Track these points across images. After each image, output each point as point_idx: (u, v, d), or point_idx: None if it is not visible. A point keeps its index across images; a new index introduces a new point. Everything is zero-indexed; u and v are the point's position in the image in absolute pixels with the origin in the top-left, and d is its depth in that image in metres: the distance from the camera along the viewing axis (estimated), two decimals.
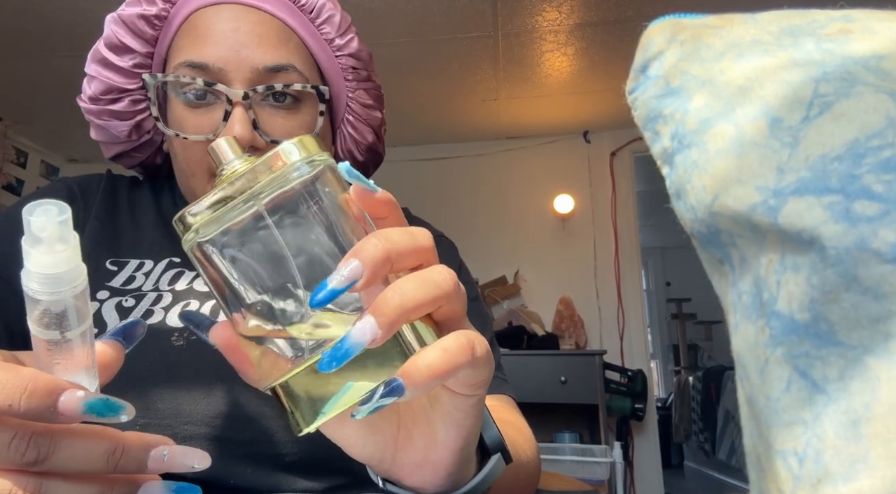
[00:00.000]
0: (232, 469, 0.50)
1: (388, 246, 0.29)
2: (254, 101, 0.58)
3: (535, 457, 0.59)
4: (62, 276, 0.27)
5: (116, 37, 0.61)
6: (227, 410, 0.52)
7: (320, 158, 0.31)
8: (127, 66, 0.61)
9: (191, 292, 0.59)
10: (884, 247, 0.20)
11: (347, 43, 0.65)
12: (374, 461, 0.35)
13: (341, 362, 0.28)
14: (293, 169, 0.30)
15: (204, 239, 0.31)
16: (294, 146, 0.31)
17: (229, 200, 0.31)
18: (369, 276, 0.28)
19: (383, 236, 0.29)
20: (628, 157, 3.46)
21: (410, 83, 2.93)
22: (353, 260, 0.28)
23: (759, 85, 0.25)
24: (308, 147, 0.31)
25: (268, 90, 0.58)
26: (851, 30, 0.24)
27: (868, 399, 0.19)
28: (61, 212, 0.26)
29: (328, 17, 0.63)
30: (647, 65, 0.31)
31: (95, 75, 0.62)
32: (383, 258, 0.28)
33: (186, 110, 0.59)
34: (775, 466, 0.21)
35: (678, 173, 0.27)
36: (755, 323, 0.24)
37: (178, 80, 0.57)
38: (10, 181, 3.40)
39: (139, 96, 0.63)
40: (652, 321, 6.24)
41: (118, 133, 0.64)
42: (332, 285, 0.28)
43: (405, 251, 0.30)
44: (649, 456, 3.24)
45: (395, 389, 0.27)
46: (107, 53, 0.61)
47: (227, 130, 0.56)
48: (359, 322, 0.28)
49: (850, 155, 0.21)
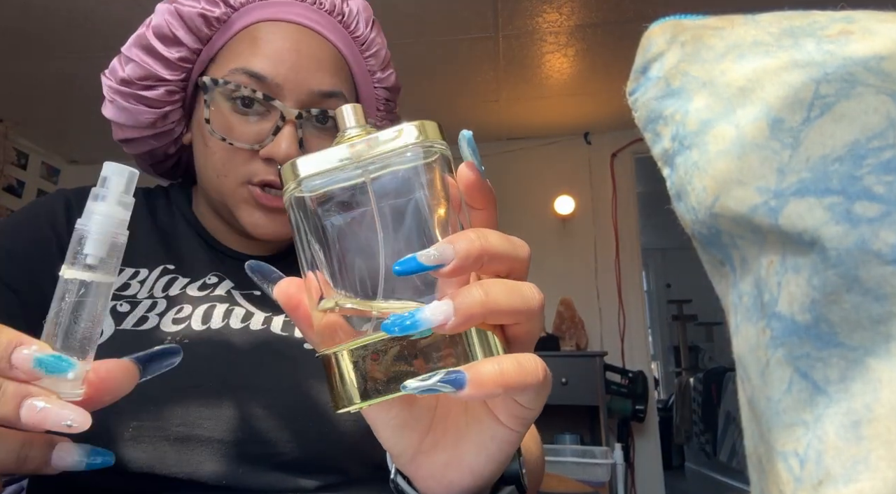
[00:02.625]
0: (225, 469, 0.50)
1: (484, 243, 0.28)
2: (303, 121, 0.60)
3: (539, 454, 0.59)
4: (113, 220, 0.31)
5: (169, 27, 0.61)
6: (219, 412, 0.52)
7: (438, 146, 0.31)
8: (173, 57, 0.61)
9: (184, 297, 0.60)
10: (885, 249, 0.20)
11: (387, 76, 0.69)
12: (395, 452, 0.35)
13: (405, 330, 0.27)
14: (408, 150, 0.30)
15: (305, 193, 0.31)
16: (415, 128, 0.30)
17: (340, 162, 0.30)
18: (457, 265, 0.27)
19: (482, 234, 0.29)
20: (629, 158, 3.46)
21: (411, 84, 2.93)
22: (447, 244, 0.28)
23: (759, 86, 0.25)
24: (429, 132, 0.31)
25: (321, 114, 0.60)
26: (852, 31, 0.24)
27: (869, 400, 0.19)
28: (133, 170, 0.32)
29: (376, 51, 0.68)
30: (648, 66, 0.31)
31: (135, 59, 0.62)
32: (477, 254, 0.28)
33: (234, 115, 0.60)
34: (776, 467, 0.21)
35: (679, 174, 0.27)
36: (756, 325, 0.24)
37: (238, 88, 0.59)
38: (10, 182, 3.40)
39: (175, 88, 0.63)
40: (653, 322, 6.24)
41: (142, 119, 0.64)
42: (419, 259, 0.27)
43: (500, 255, 0.29)
44: (650, 458, 3.24)
45: (456, 380, 0.27)
46: (154, 41, 0.61)
47: (274, 145, 0.58)
48: (437, 301, 0.27)
49: (851, 156, 0.21)
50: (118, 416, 0.50)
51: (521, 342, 0.31)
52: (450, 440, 0.33)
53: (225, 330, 0.57)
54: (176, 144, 0.69)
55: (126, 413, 0.50)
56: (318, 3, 0.64)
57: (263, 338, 0.57)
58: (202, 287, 0.62)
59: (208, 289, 0.61)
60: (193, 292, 0.61)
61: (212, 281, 0.62)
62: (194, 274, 0.63)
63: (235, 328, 0.57)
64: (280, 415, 0.53)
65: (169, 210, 0.70)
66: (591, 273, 3.37)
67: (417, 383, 0.27)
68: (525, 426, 0.32)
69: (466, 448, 0.33)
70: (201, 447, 0.50)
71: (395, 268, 0.27)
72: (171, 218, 0.69)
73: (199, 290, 0.61)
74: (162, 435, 0.50)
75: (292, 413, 0.53)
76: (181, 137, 0.68)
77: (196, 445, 0.50)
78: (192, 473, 0.50)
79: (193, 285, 0.61)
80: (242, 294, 0.62)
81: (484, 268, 0.29)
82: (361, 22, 0.66)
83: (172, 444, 0.50)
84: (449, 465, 0.33)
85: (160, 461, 0.49)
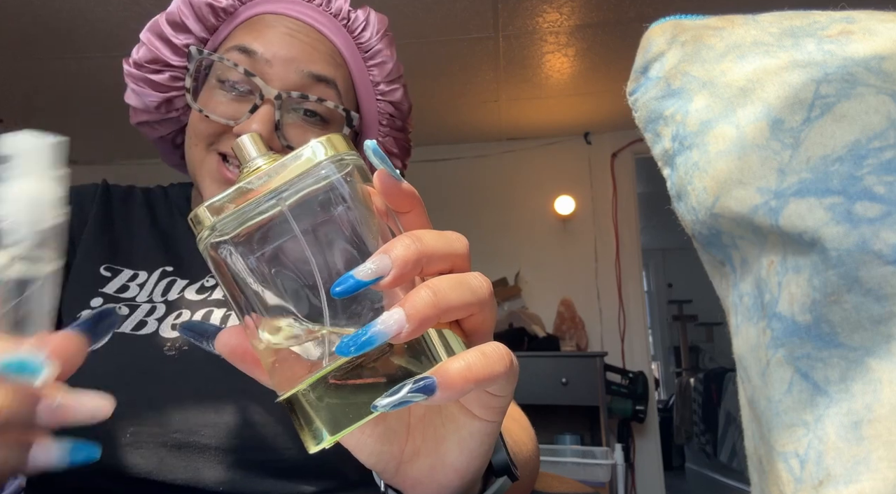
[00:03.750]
0: (223, 475, 0.50)
1: (419, 246, 0.27)
2: (285, 107, 0.59)
3: (534, 451, 0.59)
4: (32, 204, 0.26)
5: (179, 15, 0.63)
6: (216, 418, 0.52)
7: (349, 157, 0.30)
8: (180, 43, 0.63)
9: (182, 301, 0.60)
10: (885, 249, 0.20)
11: (392, 91, 0.68)
12: (378, 468, 0.34)
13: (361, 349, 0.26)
14: (320, 168, 0.29)
15: (220, 238, 0.29)
16: (322, 144, 0.29)
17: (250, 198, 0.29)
18: (396, 274, 0.27)
19: (416, 236, 0.28)
20: (629, 159, 3.46)
21: (411, 85, 2.91)
22: (383, 255, 0.27)
23: (760, 86, 0.25)
24: (336, 145, 0.30)
25: (301, 98, 0.59)
26: (852, 31, 0.24)
27: (870, 400, 0.19)
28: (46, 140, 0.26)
29: (380, 62, 0.66)
30: (648, 66, 0.31)
31: (146, 42, 0.64)
32: (414, 258, 0.27)
33: (220, 93, 0.61)
34: (777, 468, 0.21)
35: (679, 174, 0.27)
36: (756, 325, 0.24)
37: (221, 61, 0.60)
38: None
39: (180, 74, 0.65)
40: (653, 322, 6.24)
41: (148, 102, 0.65)
42: (357, 276, 0.26)
43: (438, 254, 0.28)
44: (650, 458, 3.24)
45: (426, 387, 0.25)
46: (164, 27, 0.63)
47: (245, 123, 0.57)
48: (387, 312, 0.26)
49: (852, 156, 0.21)
50: (116, 422, 0.50)
51: (479, 332, 0.30)
52: (430, 444, 0.33)
53: None
54: (182, 134, 0.69)
55: (124, 419, 0.50)
56: (324, 5, 0.65)
57: None
58: (200, 289, 0.62)
59: (206, 293, 0.61)
60: (192, 296, 0.61)
61: (210, 284, 0.63)
62: (193, 275, 0.63)
63: None
64: (277, 421, 0.52)
65: (168, 210, 0.70)
66: (591, 273, 3.37)
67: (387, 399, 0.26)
68: (500, 414, 0.32)
69: (447, 448, 0.33)
70: (199, 453, 0.50)
71: (335, 290, 0.26)
72: (171, 217, 0.69)
73: (197, 294, 0.61)
74: (160, 441, 0.50)
75: (288, 419, 0.53)
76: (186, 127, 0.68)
77: (194, 451, 0.50)
78: (190, 479, 0.50)
79: (192, 288, 0.62)
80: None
81: (425, 270, 0.28)
82: (369, 30, 0.66)
83: (171, 450, 0.50)
84: (434, 468, 0.33)
85: (158, 467, 0.49)
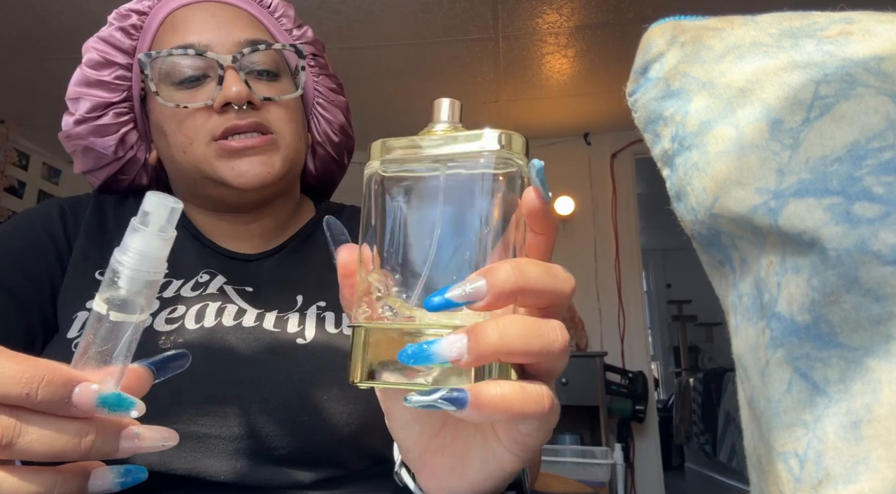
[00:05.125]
0: (222, 465, 0.51)
1: (521, 282, 0.28)
2: (241, 66, 0.62)
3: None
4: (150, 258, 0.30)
5: (99, 55, 0.65)
6: (214, 408, 0.52)
7: (517, 161, 0.31)
8: (110, 78, 0.65)
9: (178, 298, 0.60)
10: (884, 249, 0.20)
11: (304, 33, 0.72)
12: (402, 446, 0.35)
13: (419, 362, 0.27)
14: (485, 156, 0.30)
15: (384, 172, 0.32)
16: (497, 136, 0.30)
17: (421, 151, 0.31)
18: (490, 302, 0.27)
19: (521, 269, 0.28)
20: (629, 159, 3.46)
21: (411, 85, 2.93)
22: (481, 280, 0.27)
23: (759, 87, 0.25)
24: (512, 145, 0.31)
25: (253, 52, 0.63)
26: (852, 31, 0.24)
27: (869, 400, 0.19)
28: (176, 202, 0.30)
29: (283, 11, 0.72)
30: (648, 67, 0.31)
31: (80, 96, 0.66)
32: (511, 291, 0.27)
33: (180, 91, 0.63)
34: (776, 468, 0.21)
35: (679, 175, 0.27)
36: (756, 325, 0.24)
37: (170, 54, 0.62)
38: (11, 183, 3.40)
39: (122, 109, 0.66)
40: (653, 323, 6.24)
41: (104, 149, 0.66)
42: (450, 295, 0.27)
43: (537, 290, 0.28)
44: (650, 458, 3.24)
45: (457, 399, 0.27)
46: (89, 72, 0.65)
47: (224, 90, 0.60)
48: (454, 335, 0.27)
49: (851, 156, 0.21)
50: None
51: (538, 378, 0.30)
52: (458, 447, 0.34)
53: (218, 328, 0.57)
54: (147, 172, 0.71)
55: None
56: None
57: (256, 335, 0.58)
58: (195, 286, 0.62)
59: (201, 288, 0.62)
60: (187, 293, 0.61)
61: (204, 280, 0.63)
62: (187, 274, 0.63)
63: (228, 325, 0.58)
64: (275, 410, 0.53)
65: None
66: (591, 273, 3.37)
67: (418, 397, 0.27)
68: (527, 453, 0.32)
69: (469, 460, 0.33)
70: (198, 443, 0.51)
71: (429, 304, 0.28)
72: None
73: (192, 290, 0.62)
74: None
75: (287, 408, 0.53)
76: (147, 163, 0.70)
77: (193, 442, 0.51)
78: (191, 469, 0.50)
79: (187, 286, 0.62)
80: (235, 289, 0.63)
81: (521, 302, 0.29)
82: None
83: None
84: (453, 471, 0.34)
85: (160, 458, 0.50)
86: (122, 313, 0.30)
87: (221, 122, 0.61)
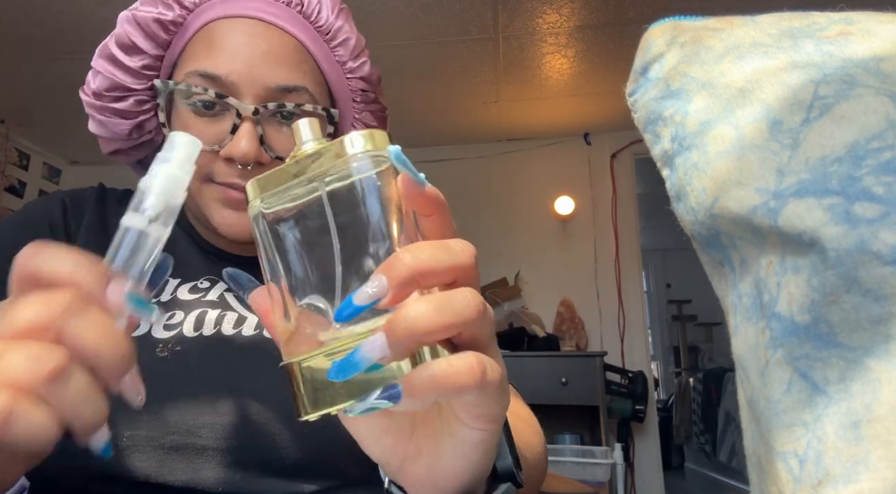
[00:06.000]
0: (222, 475, 0.50)
1: (417, 265, 0.28)
2: (262, 117, 0.58)
3: (543, 452, 0.59)
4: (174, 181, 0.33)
5: (128, 36, 0.60)
6: (214, 419, 0.51)
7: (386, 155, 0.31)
8: (135, 66, 0.61)
9: (175, 302, 0.59)
10: (884, 249, 0.20)
11: (360, 66, 0.66)
12: (382, 461, 0.35)
13: (349, 374, 0.28)
14: (355, 160, 0.30)
15: (266, 209, 0.32)
16: (363, 138, 0.31)
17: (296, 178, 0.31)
18: (393, 296, 0.28)
19: (415, 254, 0.28)
20: (629, 159, 3.46)
21: (411, 85, 2.93)
22: (381, 277, 0.28)
23: (759, 87, 0.25)
24: (377, 141, 0.31)
25: (279, 108, 0.58)
26: (851, 32, 0.24)
27: (869, 400, 0.19)
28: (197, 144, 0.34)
29: (343, 40, 0.64)
30: (648, 67, 0.31)
31: (101, 71, 0.61)
32: (409, 277, 0.28)
33: (194, 118, 0.59)
34: (776, 468, 0.21)
35: (678, 175, 0.27)
36: (756, 325, 0.24)
37: (189, 89, 0.58)
38: (12, 183, 3.40)
39: (144, 97, 0.62)
40: (653, 322, 6.24)
41: (119, 130, 0.63)
42: (356, 300, 0.28)
43: (437, 270, 0.29)
44: (650, 458, 3.24)
45: (392, 395, 0.27)
46: (116, 51, 0.61)
47: (233, 144, 0.57)
48: (371, 337, 0.28)
49: (851, 157, 0.21)
50: (112, 428, 0.49)
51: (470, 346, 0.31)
52: (430, 445, 0.34)
53: (217, 337, 0.56)
54: None
55: (119, 425, 0.50)
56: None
57: (256, 343, 0.57)
58: (193, 289, 0.61)
59: (200, 293, 0.61)
60: (184, 296, 0.60)
61: (204, 286, 0.62)
62: (186, 276, 0.62)
63: (227, 334, 0.57)
64: (275, 420, 0.52)
65: None
66: (591, 273, 3.37)
67: (358, 404, 0.28)
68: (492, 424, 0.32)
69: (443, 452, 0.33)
70: (197, 454, 0.50)
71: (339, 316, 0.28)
72: None
73: (189, 293, 0.60)
74: (157, 444, 0.50)
75: (287, 418, 0.53)
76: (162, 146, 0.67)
77: (192, 453, 0.50)
78: (188, 481, 0.49)
79: (185, 287, 0.61)
80: (236, 296, 0.62)
81: (425, 284, 0.29)
82: (325, 10, 0.63)
83: (168, 452, 0.50)
84: (432, 469, 0.34)
85: (156, 469, 0.49)
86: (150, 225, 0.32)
87: (223, 173, 0.58)
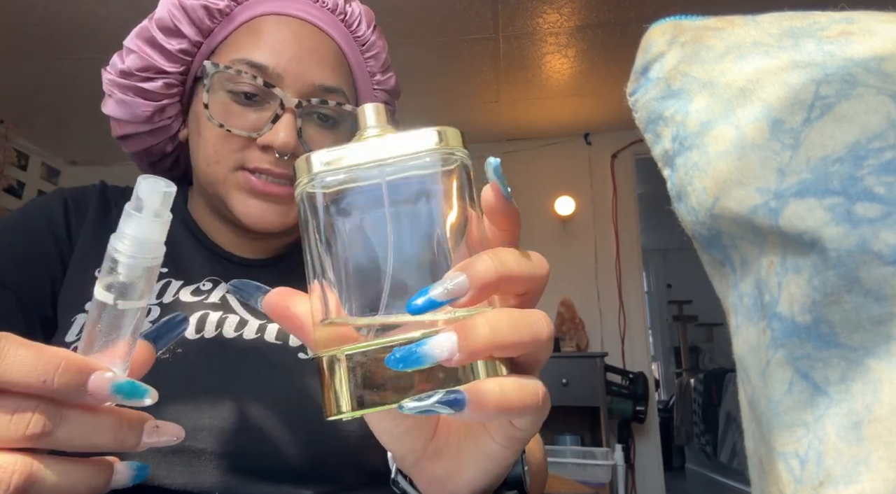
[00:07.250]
0: (219, 480, 0.50)
1: (501, 270, 0.27)
2: (304, 111, 0.60)
3: (543, 459, 0.59)
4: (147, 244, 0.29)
5: (172, 19, 0.61)
6: (212, 423, 0.51)
7: (459, 154, 0.30)
8: (173, 49, 0.62)
9: (177, 304, 0.59)
10: (885, 249, 0.20)
11: (387, 79, 0.70)
12: (396, 455, 0.34)
13: (409, 366, 0.26)
14: (426, 155, 0.29)
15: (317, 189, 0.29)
16: (436, 133, 0.29)
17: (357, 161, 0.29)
18: (473, 296, 0.27)
19: (499, 258, 0.28)
20: (629, 159, 3.46)
21: (411, 85, 2.93)
22: (462, 275, 0.27)
23: (759, 86, 0.25)
24: (450, 139, 0.29)
25: (321, 104, 0.61)
26: (852, 31, 0.24)
27: (869, 401, 0.19)
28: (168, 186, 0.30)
29: (376, 52, 0.68)
30: (648, 66, 0.31)
31: (136, 50, 0.62)
32: (493, 281, 0.27)
33: (233, 104, 0.60)
34: (777, 468, 0.21)
35: (679, 175, 0.27)
36: (756, 325, 0.24)
37: (238, 74, 0.59)
38: (11, 183, 3.40)
39: (174, 81, 0.63)
40: (653, 323, 6.24)
41: (139, 112, 0.63)
42: (433, 294, 0.26)
43: (518, 278, 0.28)
44: (651, 459, 3.24)
45: (455, 402, 0.26)
46: (156, 32, 0.61)
47: (272, 133, 0.58)
48: (443, 334, 0.26)
49: (852, 156, 0.21)
50: None
51: (528, 367, 0.30)
52: (451, 450, 0.33)
53: (218, 340, 0.56)
54: (173, 142, 0.68)
55: None
56: (321, 1, 0.64)
57: (257, 347, 0.56)
58: (196, 292, 0.61)
59: (202, 295, 0.61)
60: (187, 298, 0.60)
61: (206, 288, 0.62)
62: (188, 277, 0.62)
63: (229, 337, 0.57)
64: (274, 426, 0.52)
65: None
66: (591, 273, 3.37)
67: (414, 403, 0.26)
68: (519, 445, 0.31)
69: (464, 461, 0.33)
70: (195, 458, 0.50)
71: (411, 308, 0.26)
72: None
73: (192, 295, 0.60)
74: (154, 448, 0.50)
75: (286, 424, 0.52)
76: (177, 134, 0.67)
77: (189, 457, 0.50)
78: (185, 484, 0.49)
79: (187, 289, 0.61)
80: (239, 299, 0.61)
81: (505, 289, 0.28)
82: (363, 23, 0.67)
83: (165, 456, 0.49)
84: (450, 474, 0.33)
85: (154, 472, 0.49)
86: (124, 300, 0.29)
87: (256, 159, 0.59)
